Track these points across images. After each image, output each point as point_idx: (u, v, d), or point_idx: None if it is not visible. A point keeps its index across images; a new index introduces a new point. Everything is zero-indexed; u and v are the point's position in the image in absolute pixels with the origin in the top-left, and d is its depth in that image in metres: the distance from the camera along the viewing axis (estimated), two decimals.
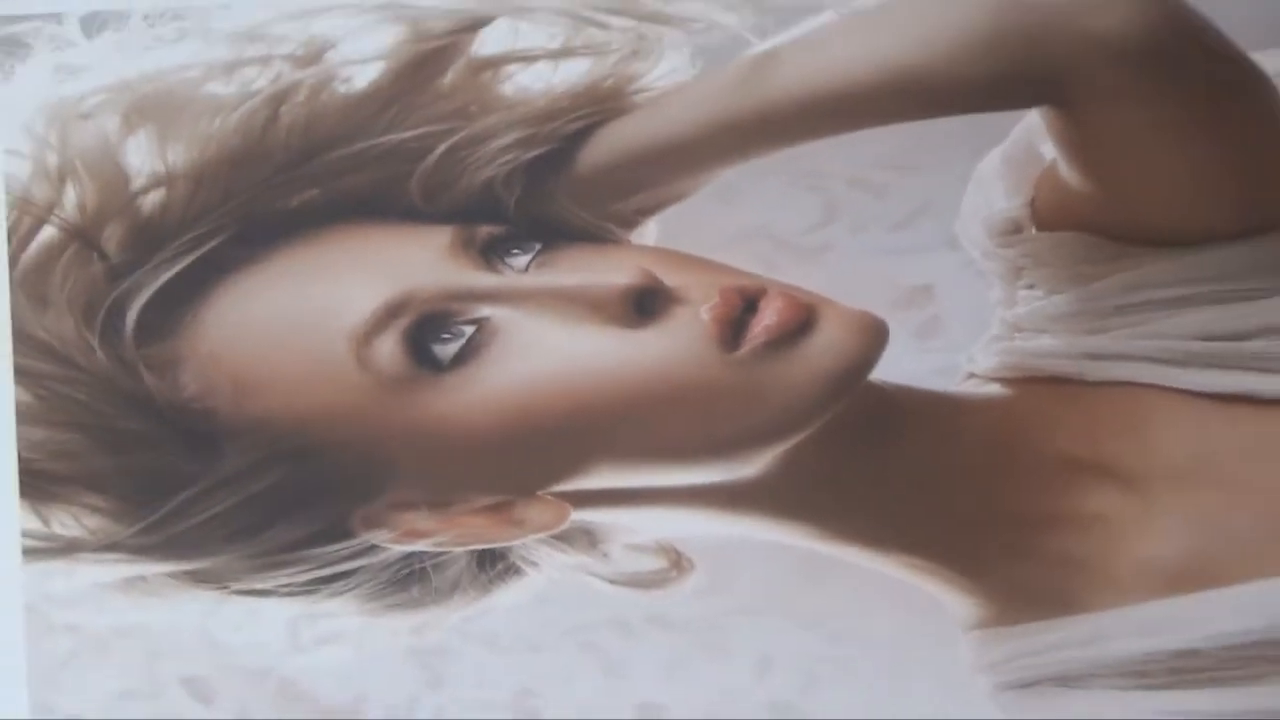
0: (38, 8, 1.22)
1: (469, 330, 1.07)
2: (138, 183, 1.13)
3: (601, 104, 1.17)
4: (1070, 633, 1.03)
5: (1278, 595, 1.03)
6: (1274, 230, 1.12)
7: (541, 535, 1.05)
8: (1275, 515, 1.06)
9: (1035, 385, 1.11)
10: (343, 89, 1.18)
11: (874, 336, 1.06)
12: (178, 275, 1.11)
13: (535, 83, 1.18)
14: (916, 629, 1.02)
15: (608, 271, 1.09)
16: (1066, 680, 1.02)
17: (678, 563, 1.02)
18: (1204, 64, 1.13)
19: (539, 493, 1.05)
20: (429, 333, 1.07)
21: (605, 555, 1.02)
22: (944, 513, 1.05)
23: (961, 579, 1.04)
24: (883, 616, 1.02)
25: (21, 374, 1.07)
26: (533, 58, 1.19)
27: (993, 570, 1.04)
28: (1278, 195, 1.13)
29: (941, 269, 1.11)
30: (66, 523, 1.06)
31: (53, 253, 1.10)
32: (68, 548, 1.06)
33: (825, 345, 1.06)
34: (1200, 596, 1.03)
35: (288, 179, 1.15)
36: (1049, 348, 1.11)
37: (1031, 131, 1.14)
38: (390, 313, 1.08)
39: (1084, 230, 1.12)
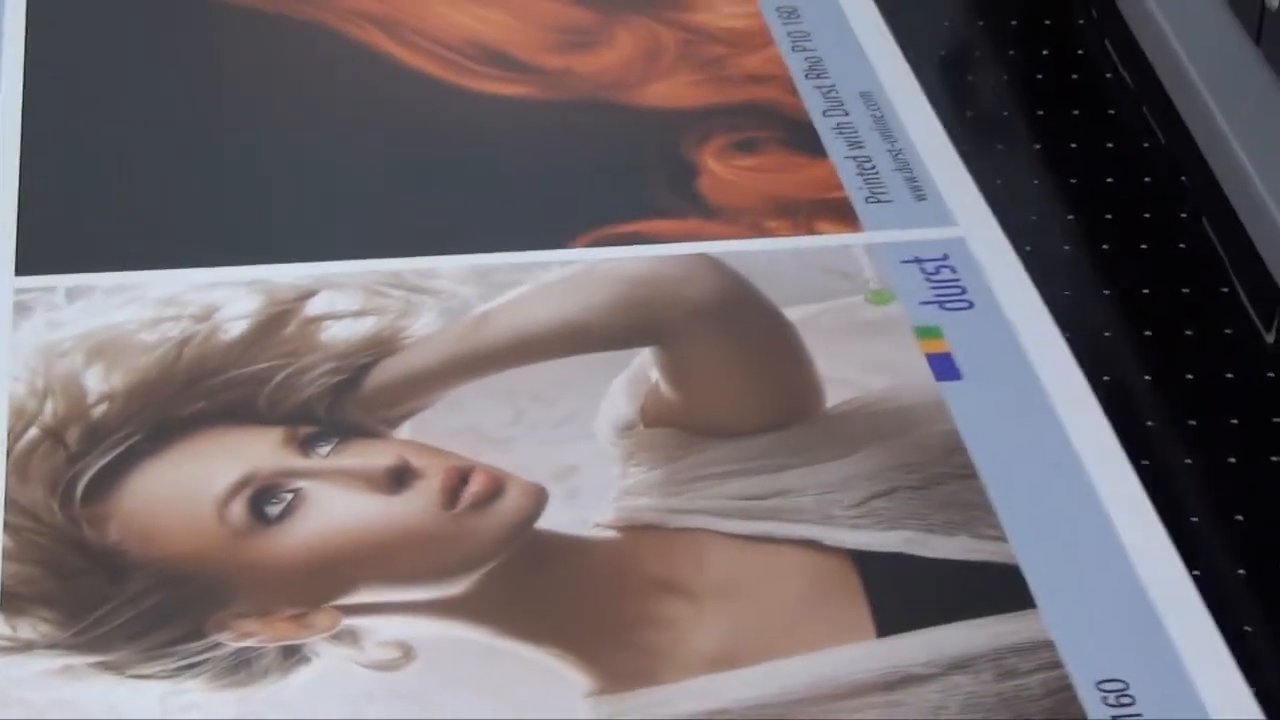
0: (38, 284, 1.29)
1: (289, 497, 1.15)
2: (91, 399, 1.21)
3: (381, 346, 1.26)
4: (651, 698, 1.05)
5: (783, 673, 1.06)
6: (788, 427, 1.20)
7: (324, 635, 1.08)
8: (781, 618, 1.10)
9: (636, 530, 1.14)
10: (223, 336, 1.26)
11: (539, 499, 1.15)
12: (111, 460, 1.17)
13: (341, 333, 1.27)
14: (555, 696, 1.05)
15: (377, 457, 1.18)
16: None
17: (409, 653, 1.07)
18: (751, 316, 1.29)
19: (323, 605, 1.10)
20: (264, 498, 1.15)
21: (362, 648, 1.08)
22: (577, 617, 1.10)
23: (584, 662, 1.07)
24: (531, 685, 1.06)
25: (6, 528, 1.13)
26: (340, 316, 1.28)
27: (604, 656, 1.07)
28: (792, 403, 1.22)
29: (584, 454, 1.19)
30: (22, 628, 1.09)
31: (34, 445, 1.18)
32: (18, 647, 1.08)
33: (509, 505, 1.15)
34: (732, 674, 1.06)
35: (185, 396, 1.22)
36: (646, 505, 1.15)
37: (645, 363, 1.23)
38: (240, 485, 1.16)
39: (673, 427, 1.20)
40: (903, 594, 1.12)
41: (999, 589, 1.11)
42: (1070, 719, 1.03)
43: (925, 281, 1.30)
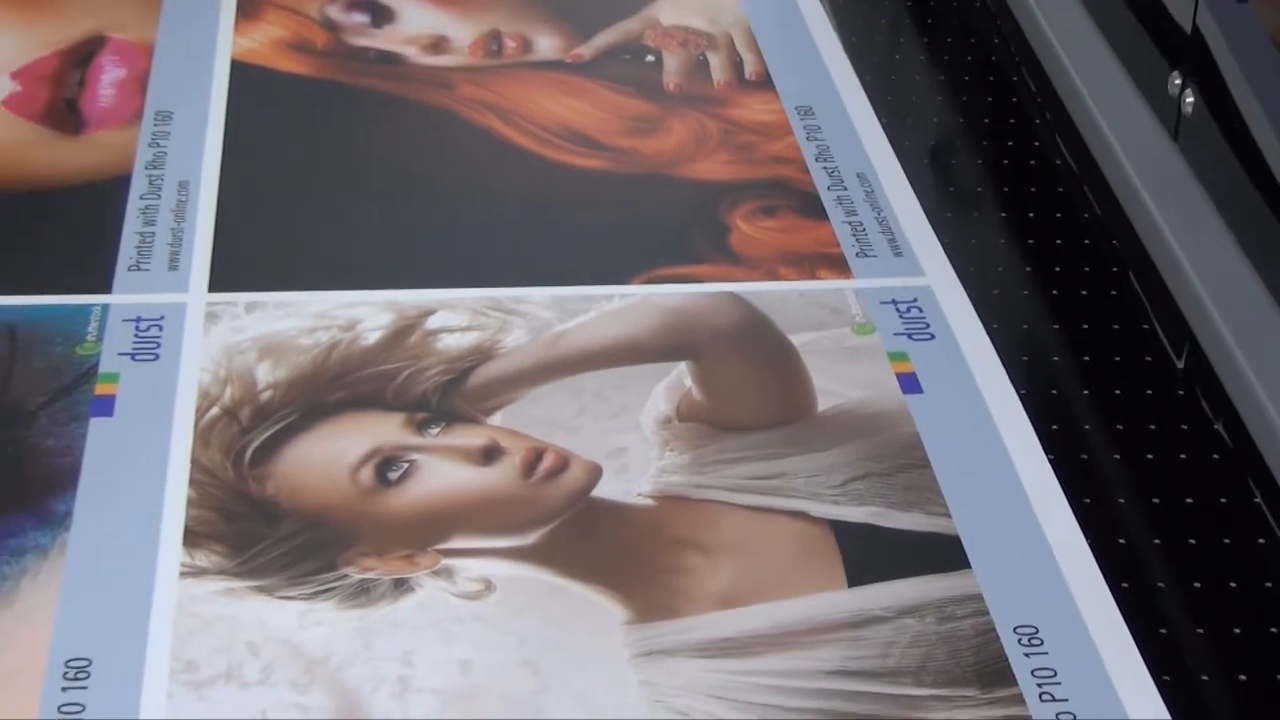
0: (224, 299, 1.29)
1: (406, 465, 1.15)
2: (260, 387, 1.21)
3: (481, 354, 1.25)
4: (672, 628, 1.05)
5: (775, 612, 1.06)
6: (788, 425, 1.20)
7: (423, 571, 1.07)
8: (775, 570, 1.09)
9: (667, 500, 1.13)
10: (362, 342, 1.26)
11: (595, 474, 1.15)
12: (272, 434, 1.17)
13: (452, 342, 1.27)
14: (599, 623, 1.05)
15: (473, 438, 1.18)
16: (669, 651, 1.04)
17: (490, 586, 1.07)
18: (764, 340, 1.28)
19: (427, 548, 1.09)
20: (386, 466, 1.15)
21: (455, 582, 1.07)
22: (619, 563, 1.09)
23: (622, 598, 1.06)
24: (582, 614, 1.06)
25: (192, 482, 1.13)
26: (451, 330, 1.27)
27: (638, 593, 1.07)
28: (792, 407, 1.22)
29: (631, 441, 1.19)
30: (200, 558, 1.09)
31: (215, 420, 1.18)
32: (198, 572, 1.08)
33: (572, 477, 1.15)
34: (736, 611, 1.06)
35: (331, 387, 1.22)
36: (677, 481, 1.15)
37: (681, 373, 1.23)
38: (369, 456, 1.16)
39: (700, 423, 1.19)
40: (869, 555, 1.12)
41: (943, 553, 1.12)
42: (994, 656, 1.04)
43: (899, 318, 1.30)
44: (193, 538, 1.10)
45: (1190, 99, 1.34)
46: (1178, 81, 1.36)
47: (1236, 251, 1.27)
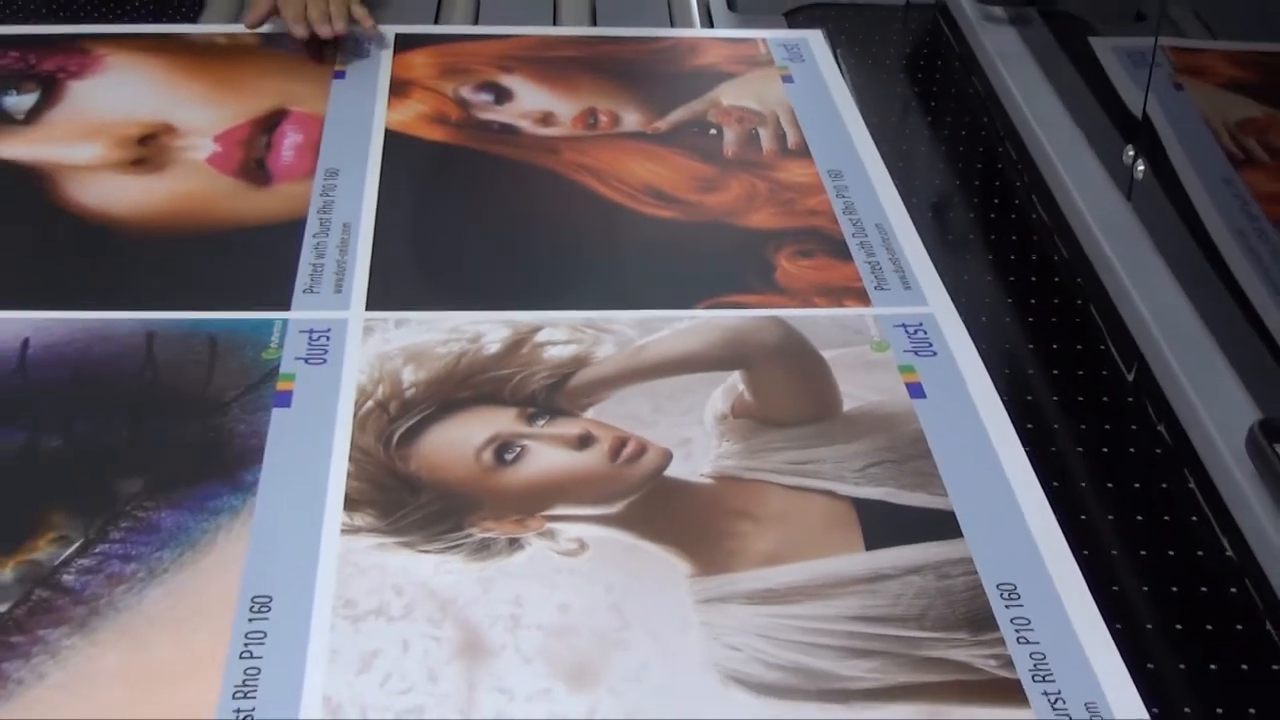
0: (378, 316, 1.28)
1: (519, 449, 1.15)
2: (405, 385, 1.20)
3: (578, 363, 1.24)
4: (728, 579, 1.04)
5: (808, 569, 1.05)
6: (820, 422, 1.18)
7: (532, 533, 1.07)
8: (808, 536, 1.08)
9: (723, 480, 1.12)
10: (485, 351, 1.25)
11: (667, 458, 1.14)
12: (414, 423, 1.16)
13: (555, 353, 1.25)
14: (669, 576, 1.04)
15: (572, 428, 1.17)
16: (724, 599, 1.03)
17: (584, 546, 1.06)
18: (801, 355, 1.27)
19: (535, 514, 1.09)
20: (504, 450, 1.15)
21: (556, 542, 1.07)
22: (685, 529, 1.08)
23: (688, 556, 1.05)
24: (656, 569, 1.05)
25: (351, 459, 1.13)
26: (555, 343, 1.25)
27: (700, 553, 1.06)
28: (823, 407, 1.20)
29: (696, 433, 1.18)
30: (357, 519, 1.08)
31: (369, 411, 1.17)
32: (356, 530, 1.07)
33: (649, 461, 1.14)
34: (777, 568, 1.05)
35: (460, 386, 1.21)
36: (731, 464, 1.14)
37: (736, 380, 1.22)
38: (490, 441, 1.15)
39: (750, 419, 1.18)
40: (882, 526, 1.11)
41: (941, 525, 1.11)
42: (981, 607, 1.04)
43: (908, 338, 1.29)
44: (351, 503, 1.10)
45: (1141, 168, 1.36)
46: (1131, 153, 1.38)
47: (1176, 288, 1.29)
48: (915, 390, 1.24)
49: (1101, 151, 1.43)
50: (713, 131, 1.60)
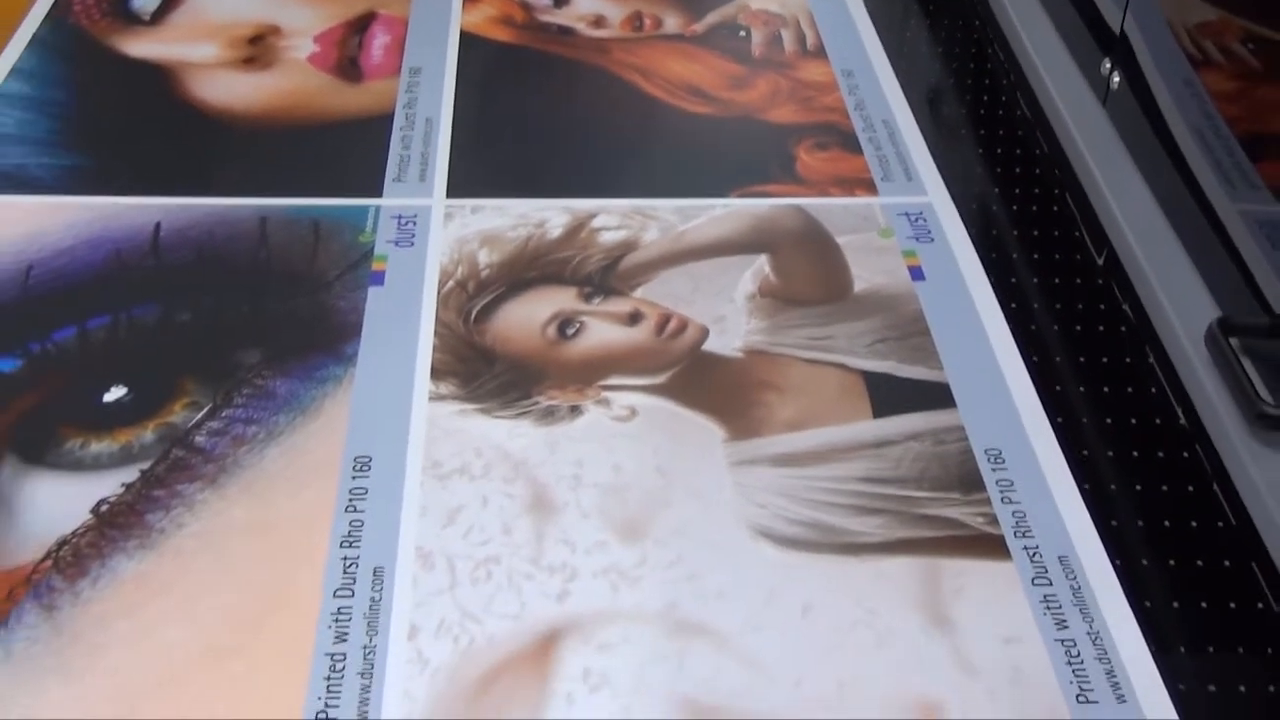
0: (457, 203, 1.24)
1: (578, 325, 1.12)
2: (481, 266, 1.18)
3: (628, 246, 1.21)
4: (756, 443, 1.02)
5: (824, 434, 1.04)
6: (834, 302, 1.16)
7: (590, 401, 1.05)
8: (824, 405, 1.05)
9: (753, 354, 1.10)
10: (549, 236, 1.22)
11: (705, 334, 1.12)
12: (489, 300, 1.14)
13: (608, 237, 1.23)
14: (706, 439, 1.03)
15: (623, 306, 1.14)
16: (753, 462, 1.01)
17: (634, 412, 1.05)
18: (818, 240, 1.23)
19: (593, 384, 1.07)
20: (565, 325, 1.12)
21: (610, 409, 1.05)
22: (720, 398, 1.06)
23: (723, 422, 1.03)
24: (696, 434, 1.03)
25: (436, 333, 1.11)
26: (608, 229, 1.23)
27: (733, 420, 1.04)
28: (836, 288, 1.18)
29: (729, 311, 1.15)
30: (442, 388, 1.06)
31: (450, 290, 1.15)
32: (441, 397, 1.06)
33: (690, 336, 1.11)
34: (797, 433, 1.03)
35: (528, 267, 1.18)
36: (759, 340, 1.11)
37: (763, 263, 1.19)
38: (553, 317, 1.13)
39: (775, 299, 1.15)
40: (887, 396, 1.09)
41: (937, 396, 1.09)
42: (972, 470, 1.02)
43: (910, 226, 1.26)
44: (437, 373, 1.08)
45: (1116, 78, 1.30)
46: (1108, 65, 1.32)
47: (1140, 180, 1.24)
48: (916, 273, 1.20)
49: (1081, 61, 1.37)
50: (742, 34, 1.54)
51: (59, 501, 0.96)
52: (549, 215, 1.25)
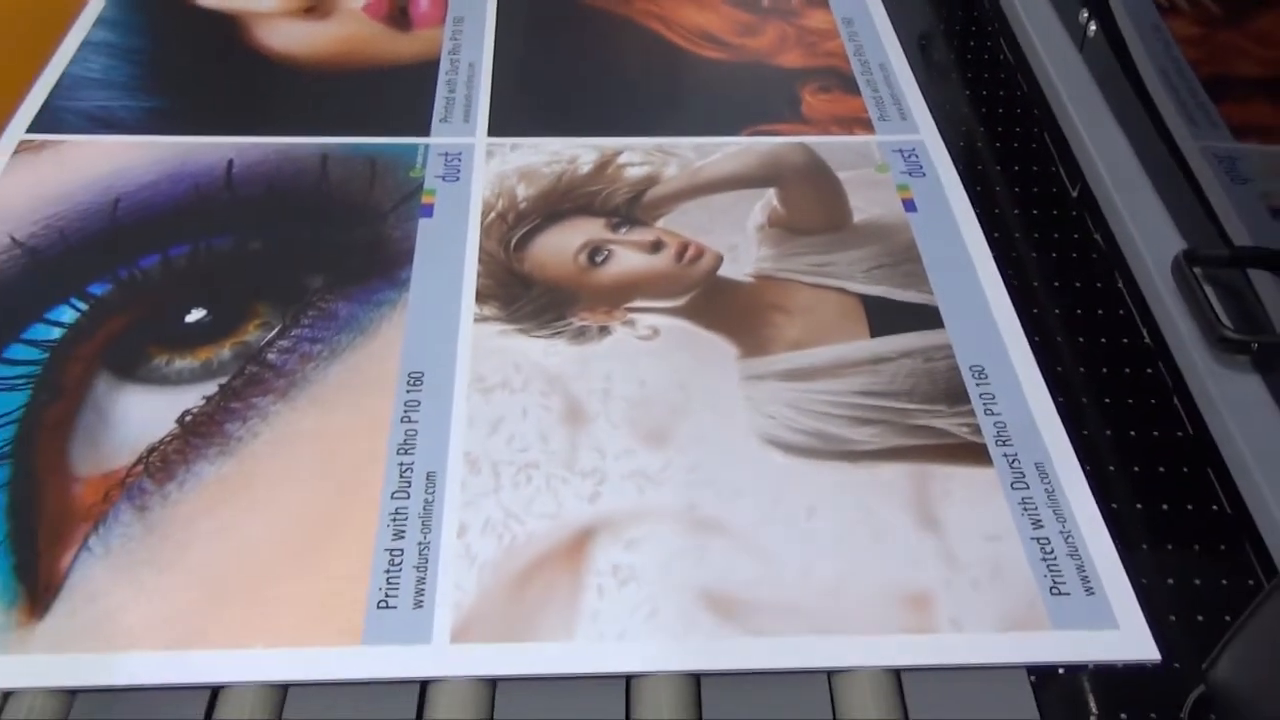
0: (497, 141, 1.21)
1: (607, 253, 1.10)
2: (519, 199, 1.15)
3: (651, 181, 1.19)
4: (766, 359, 1.00)
5: (826, 352, 1.01)
6: (835, 231, 1.12)
7: (617, 321, 1.04)
8: (825, 325, 1.03)
9: (762, 279, 1.08)
10: (580, 171, 1.19)
11: (719, 260, 1.09)
12: (526, 230, 1.10)
13: (633, 172, 1.20)
14: (722, 355, 1.01)
15: (647, 235, 1.12)
16: (763, 377, 0.99)
17: (657, 332, 1.03)
18: (821, 175, 1.20)
19: (620, 306, 1.05)
20: (595, 253, 1.10)
21: (636, 329, 1.03)
22: (734, 319, 1.04)
23: (736, 340, 1.02)
24: (712, 351, 1.01)
25: (480, 260, 1.09)
26: (633, 165, 1.20)
27: (745, 338, 1.02)
28: (837, 218, 1.14)
29: (741, 239, 1.13)
30: (485, 310, 1.05)
31: (492, 221, 1.12)
32: (484, 319, 1.04)
33: (707, 262, 1.09)
34: (802, 351, 1.00)
35: (561, 200, 1.16)
36: (768, 266, 1.09)
37: (771, 195, 1.17)
38: (584, 245, 1.10)
39: (782, 229, 1.13)
40: (883, 317, 1.07)
41: (927, 317, 1.07)
42: (958, 385, 1.00)
43: (903, 161, 1.23)
44: (480, 297, 1.07)
45: (1093, 26, 1.27)
46: (1085, 14, 1.28)
47: (1113, 120, 1.21)
48: (909, 205, 1.18)
49: (1060, 9, 1.33)
50: None
51: (148, 412, 0.95)
52: (580, 152, 1.22)
